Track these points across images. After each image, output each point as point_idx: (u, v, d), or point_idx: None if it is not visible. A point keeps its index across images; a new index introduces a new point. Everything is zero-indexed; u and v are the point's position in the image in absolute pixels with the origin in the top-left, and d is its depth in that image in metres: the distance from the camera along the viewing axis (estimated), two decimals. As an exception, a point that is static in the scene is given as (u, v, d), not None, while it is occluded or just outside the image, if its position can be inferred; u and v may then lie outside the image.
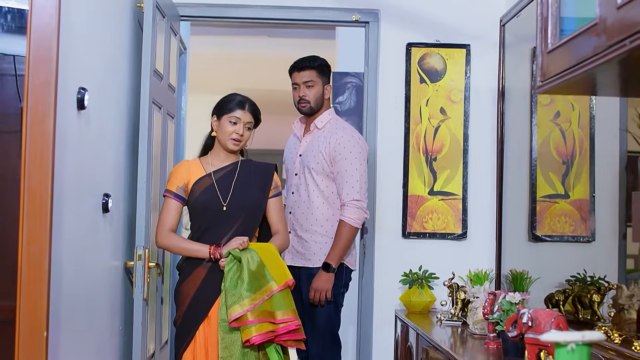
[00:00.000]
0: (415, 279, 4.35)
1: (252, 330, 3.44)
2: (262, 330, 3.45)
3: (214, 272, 3.60)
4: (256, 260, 3.53)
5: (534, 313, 2.57)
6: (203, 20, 4.82)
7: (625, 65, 2.00)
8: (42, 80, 2.43)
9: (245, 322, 3.45)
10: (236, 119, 3.69)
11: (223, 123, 3.70)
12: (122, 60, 3.69)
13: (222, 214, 3.65)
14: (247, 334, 3.44)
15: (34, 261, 2.43)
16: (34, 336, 2.42)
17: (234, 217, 3.65)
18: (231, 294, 3.48)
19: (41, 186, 2.43)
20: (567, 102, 3.58)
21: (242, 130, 3.69)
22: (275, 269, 3.55)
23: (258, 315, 3.46)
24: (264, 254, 3.57)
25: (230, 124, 3.69)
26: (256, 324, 3.44)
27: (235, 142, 3.70)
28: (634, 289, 2.83)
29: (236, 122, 3.69)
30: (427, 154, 4.55)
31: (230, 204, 3.66)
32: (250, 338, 3.43)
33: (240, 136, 3.69)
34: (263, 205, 3.76)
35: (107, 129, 3.44)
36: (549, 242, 3.79)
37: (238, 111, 3.69)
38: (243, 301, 3.45)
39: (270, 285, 3.51)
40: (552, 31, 2.34)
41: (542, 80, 2.40)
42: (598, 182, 3.35)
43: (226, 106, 3.71)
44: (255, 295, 3.47)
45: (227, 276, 3.52)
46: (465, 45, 4.59)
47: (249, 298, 3.45)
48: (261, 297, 3.48)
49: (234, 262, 3.53)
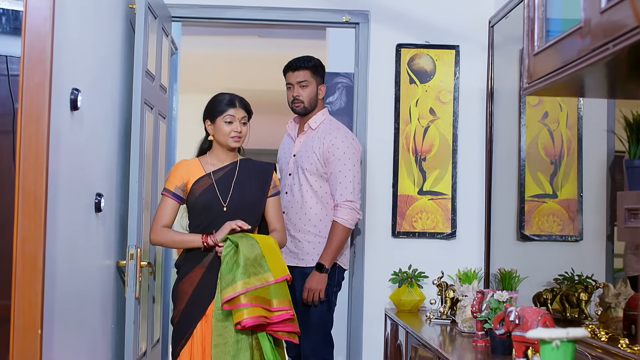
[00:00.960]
0: (405, 278, 4.37)
1: (244, 312, 3.43)
2: (254, 314, 3.44)
3: (212, 270, 3.61)
4: (256, 249, 3.53)
5: (521, 311, 2.59)
6: (194, 21, 4.83)
7: (611, 67, 2.03)
8: (37, 81, 2.45)
9: (238, 304, 3.44)
10: (231, 117, 3.70)
11: (219, 125, 3.71)
12: (114, 61, 3.70)
13: (222, 214, 3.65)
14: (239, 317, 3.43)
15: (28, 260, 2.45)
16: (29, 334, 2.44)
17: (234, 217, 3.64)
18: (225, 278, 3.47)
19: (35, 186, 2.45)
20: (555, 102, 3.59)
21: (239, 126, 3.71)
22: (273, 263, 3.56)
23: (251, 300, 3.45)
24: (264, 246, 3.57)
25: (227, 124, 3.70)
26: (249, 307, 3.44)
27: (236, 139, 3.71)
28: (620, 287, 2.85)
29: (232, 121, 3.70)
30: (417, 154, 4.57)
31: (230, 204, 3.67)
32: (241, 320, 3.42)
33: (239, 133, 3.71)
34: (262, 204, 3.77)
35: (99, 129, 3.45)
36: (537, 241, 3.80)
37: (231, 110, 3.70)
38: (236, 283, 3.45)
39: (267, 275, 3.51)
40: (539, 33, 2.37)
41: (529, 81, 2.43)
42: (586, 182, 3.36)
43: (217, 108, 3.72)
44: (250, 279, 3.47)
45: (223, 260, 3.51)
46: (455, 46, 4.62)
47: (242, 281, 3.45)
48: (255, 283, 3.47)
49: (232, 247, 3.53)
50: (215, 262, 3.60)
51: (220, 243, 3.56)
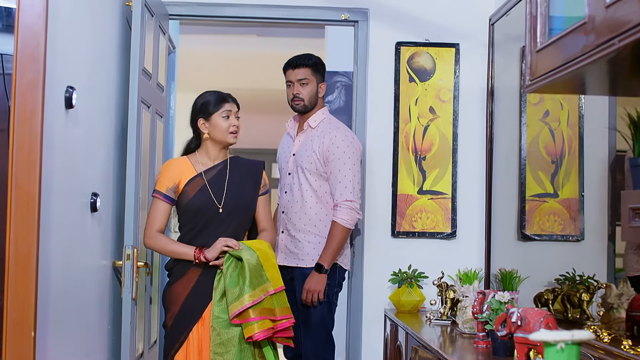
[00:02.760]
0: (405, 278, 4.34)
1: (254, 327, 3.43)
2: (264, 327, 3.45)
3: (207, 272, 3.58)
4: (255, 259, 3.51)
5: (523, 312, 2.57)
6: (192, 18, 4.81)
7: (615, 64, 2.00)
8: (30, 78, 2.41)
9: (248, 319, 3.44)
10: (227, 112, 3.68)
11: (216, 121, 3.67)
12: (110, 59, 3.67)
13: (218, 216, 3.63)
14: (250, 331, 3.43)
15: (21, 261, 2.42)
16: (22, 336, 2.41)
17: (229, 219, 3.63)
18: (231, 292, 3.46)
19: (29, 185, 2.42)
20: (556, 101, 3.58)
21: (236, 120, 3.70)
22: (271, 272, 3.55)
23: (260, 313, 3.45)
24: (261, 255, 3.55)
25: (224, 119, 3.67)
26: (258, 321, 3.44)
27: (235, 134, 3.70)
28: (622, 288, 2.83)
29: (228, 116, 3.68)
30: (417, 153, 4.55)
31: (225, 205, 3.63)
32: (253, 335, 3.42)
33: (237, 127, 3.70)
34: (255, 204, 3.75)
35: (95, 128, 3.42)
36: (538, 241, 3.78)
37: (226, 104, 3.69)
38: (243, 297, 3.43)
39: (267, 285, 3.51)
40: (541, 30, 2.34)
41: (531, 79, 2.40)
42: (587, 181, 3.34)
43: (211, 105, 3.68)
44: (255, 291, 3.46)
45: (226, 273, 3.50)
46: (455, 45, 4.59)
47: (248, 294, 3.43)
48: (260, 295, 3.46)
49: (231, 259, 3.52)
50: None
51: (213, 261, 3.54)
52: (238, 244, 3.53)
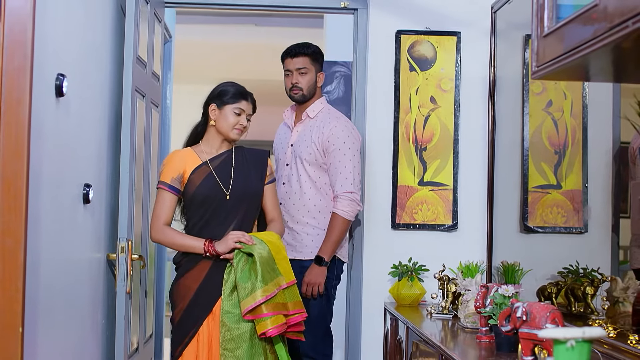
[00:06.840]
0: (405, 271, 4.29)
1: (267, 323, 3.40)
2: (277, 323, 3.41)
3: (218, 265, 3.53)
4: (267, 251, 3.48)
5: (529, 307, 2.50)
6: (187, 6, 4.76)
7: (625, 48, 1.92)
8: (17, 65, 2.33)
9: (260, 314, 3.40)
10: (240, 110, 3.64)
11: (226, 113, 3.63)
12: (103, 46, 3.60)
13: (225, 204, 3.58)
14: (263, 327, 3.40)
15: (8, 255, 2.34)
16: (9, 333, 2.33)
17: (236, 207, 3.59)
18: (243, 287, 3.42)
19: (16, 176, 2.33)
20: (560, 90, 3.53)
21: (245, 121, 3.66)
22: (282, 265, 3.52)
23: (273, 308, 3.42)
24: (272, 247, 3.52)
25: (235, 115, 3.63)
26: (271, 317, 3.40)
27: (239, 132, 3.66)
28: (628, 281, 2.77)
29: (240, 114, 3.65)
30: (417, 144, 4.48)
31: (233, 192, 3.59)
32: (266, 331, 3.39)
33: (243, 127, 3.66)
34: (262, 192, 3.71)
35: (88, 117, 3.34)
36: (541, 233, 3.74)
37: (243, 102, 3.65)
38: (255, 292, 3.39)
39: (280, 279, 3.47)
40: (549, 14, 2.27)
41: (538, 65, 2.32)
42: (591, 172, 3.30)
43: (229, 96, 3.64)
44: (268, 286, 3.42)
45: (237, 268, 3.45)
46: (456, 33, 4.52)
47: (261, 289, 3.40)
48: (273, 289, 3.43)
49: (242, 254, 3.47)
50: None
51: (224, 255, 3.50)
52: (251, 239, 3.49)
